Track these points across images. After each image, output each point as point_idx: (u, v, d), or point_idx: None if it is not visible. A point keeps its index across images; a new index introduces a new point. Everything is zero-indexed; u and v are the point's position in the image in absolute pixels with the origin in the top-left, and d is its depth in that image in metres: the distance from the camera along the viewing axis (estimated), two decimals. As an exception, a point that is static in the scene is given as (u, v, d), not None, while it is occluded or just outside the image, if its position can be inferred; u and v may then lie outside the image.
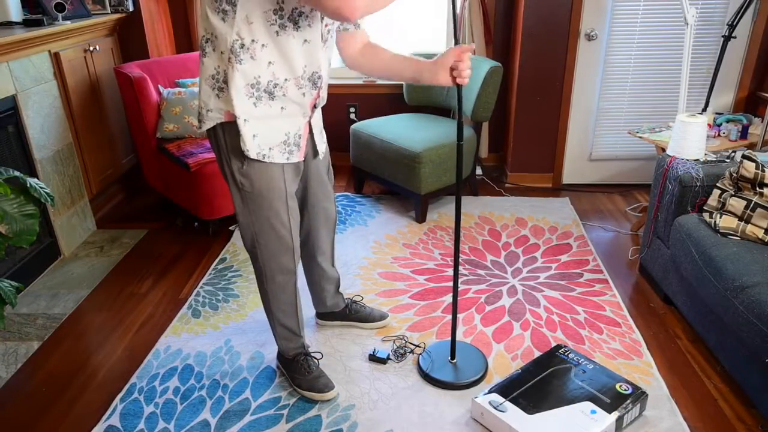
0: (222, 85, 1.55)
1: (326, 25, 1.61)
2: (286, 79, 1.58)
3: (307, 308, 2.37)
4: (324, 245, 2.10)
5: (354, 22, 1.47)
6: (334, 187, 3.68)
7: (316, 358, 2.04)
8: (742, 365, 1.86)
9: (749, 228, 2.04)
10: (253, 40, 1.49)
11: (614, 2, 3.26)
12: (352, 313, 2.29)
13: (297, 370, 1.98)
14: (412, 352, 2.16)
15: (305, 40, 1.55)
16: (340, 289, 2.27)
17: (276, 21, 1.49)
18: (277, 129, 1.64)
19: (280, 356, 2.05)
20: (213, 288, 2.61)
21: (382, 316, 2.31)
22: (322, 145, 1.87)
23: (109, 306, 2.51)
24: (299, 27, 1.53)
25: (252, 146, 1.61)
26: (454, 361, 2.07)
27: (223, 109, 1.57)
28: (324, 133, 1.93)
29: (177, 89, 3.16)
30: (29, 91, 2.65)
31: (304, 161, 1.83)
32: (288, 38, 1.52)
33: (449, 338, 2.22)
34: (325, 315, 2.30)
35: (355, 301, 2.33)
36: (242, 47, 1.49)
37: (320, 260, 2.12)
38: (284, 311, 1.92)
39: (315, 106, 1.73)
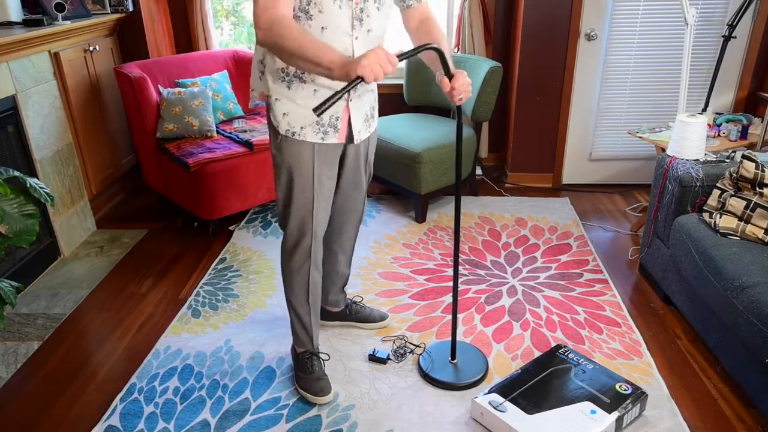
0: (263, 68, 1.68)
1: (357, 3, 1.57)
2: None
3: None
4: (344, 236, 2.09)
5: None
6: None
7: (322, 359, 2.05)
8: (742, 365, 1.86)
9: (749, 228, 2.04)
10: None
11: (614, 2, 3.25)
12: (352, 314, 2.29)
13: (300, 367, 2.00)
14: (412, 352, 2.16)
15: (323, 27, 1.56)
16: (345, 288, 2.26)
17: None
18: (308, 109, 1.68)
19: (293, 349, 2.07)
20: (213, 288, 2.61)
21: (382, 317, 2.30)
22: (363, 132, 1.81)
23: (109, 306, 2.51)
24: (311, 15, 1.55)
25: (282, 123, 1.68)
26: (455, 361, 2.07)
27: (259, 89, 1.72)
28: (373, 121, 1.87)
29: (177, 89, 3.16)
30: (29, 91, 2.65)
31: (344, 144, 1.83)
32: (305, 27, 1.55)
33: (449, 338, 2.22)
34: (324, 314, 2.30)
35: (355, 302, 2.32)
36: None
37: (336, 250, 2.12)
38: (297, 297, 1.92)
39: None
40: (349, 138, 1.79)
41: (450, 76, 1.61)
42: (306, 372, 1.98)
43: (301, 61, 1.42)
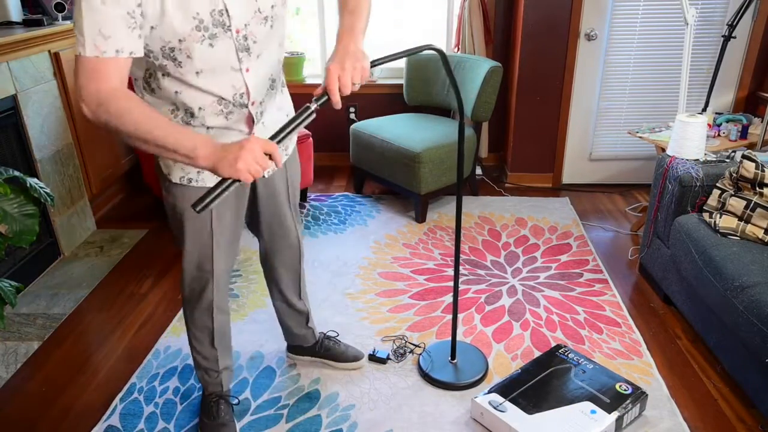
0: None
1: (237, 32, 1.27)
2: (200, 108, 1.35)
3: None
4: (284, 275, 1.87)
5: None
6: (334, 188, 3.70)
7: (232, 404, 1.85)
8: (742, 365, 1.86)
9: (749, 228, 2.04)
10: (150, 73, 1.32)
11: (614, 2, 3.25)
12: (323, 350, 2.07)
13: (204, 411, 1.81)
14: (411, 352, 2.16)
15: (197, 72, 1.29)
16: (311, 324, 2.03)
17: (154, 64, 1.28)
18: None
19: (202, 390, 1.88)
20: (213, 288, 2.61)
21: (356, 357, 2.07)
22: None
23: (109, 306, 2.51)
24: (180, 63, 1.27)
25: (174, 170, 1.43)
26: (455, 361, 2.07)
27: None
28: (290, 143, 1.64)
29: (177, 89, 3.15)
30: (29, 91, 2.65)
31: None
32: (174, 76, 1.30)
33: (449, 338, 2.22)
34: (294, 349, 2.11)
35: (329, 337, 2.10)
36: (150, 76, 1.33)
37: (283, 289, 1.90)
38: (201, 342, 1.72)
39: (254, 122, 1.45)
40: None
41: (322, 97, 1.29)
42: (210, 417, 1.79)
43: (147, 145, 1.15)
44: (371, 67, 1.31)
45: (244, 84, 1.36)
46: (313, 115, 1.27)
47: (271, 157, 1.18)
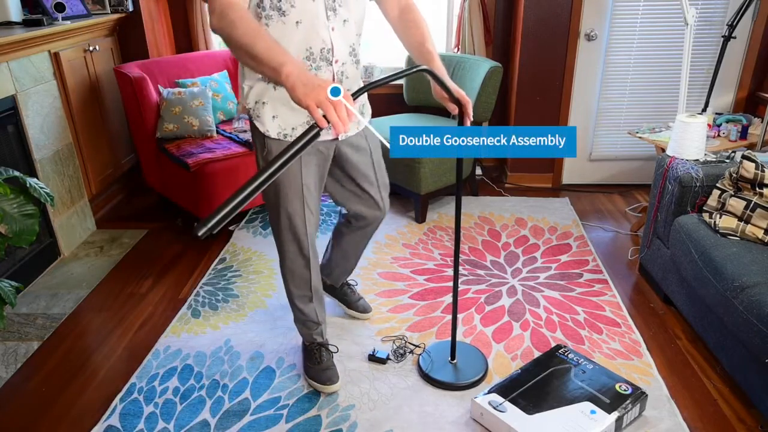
0: (243, 82, 1.66)
1: None
2: None
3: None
4: (365, 229, 2.09)
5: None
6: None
7: (331, 351, 2.07)
8: (742, 365, 1.86)
9: (749, 228, 2.04)
10: None
11: (614, 2, 3.26)
12: (340, 294, 2.35)
13: (309, 358, 2.04)
14: (411, 352, 2.16)
15: (297, 22, 1.54)
16: (348, 278, 2.32)
17: (261, 14, 1.54)
18: (300, 109, 1.63)
19: (303, 341, 2.11)
20: (213, 288, 2.61)
21: (365, 309, 2.35)
22: (351, 127, 1.79)
23: (109, 306, 2.51)
24: (284, 12, 1.53)
25: (272, 127, 1.66)
26: (455, 361, 2.07)
27: (242, 102, 1.69)
28: (363, 113, 1.83)
29: (177, 89, 3.16)
30: (29, 91, 2.65)
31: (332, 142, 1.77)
32: (277, 26, 1.54)
33: (449, 338, 2.22)
34: (324, 286, 2.34)
35: (349, 285, 2.36)
36: None
37: (359, 246, 2.15)
38: (300, 298, 1.94)
39: (339, 81, 1.67)
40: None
41: (454, 99, 1.61)
42: (314, 362, 2.01)
43: (248, 54, 1.33)
44: (363, 90, 1.37)
45: (330, 41, 1.59)
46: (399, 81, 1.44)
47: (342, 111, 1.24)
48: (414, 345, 2.20)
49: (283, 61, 1.27)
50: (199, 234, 1.07)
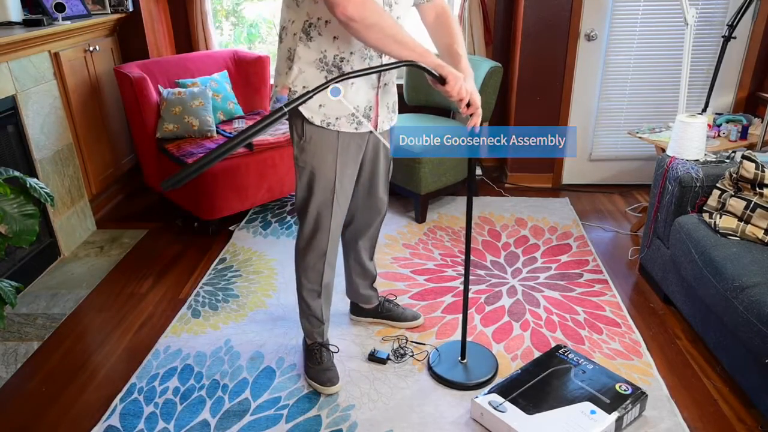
0: (291, 64, 1.67)
1: None
2: (351, 53, 1.64)
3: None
4: (364, 235, 2.12)
5: (339, 18, 1.47)
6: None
7: (332, 352, 2.09)
8: (742, 365, 1.86)
9: (749, 228, 2.04)
10: (318, 18, 1.59)
11: (614, 2, 3.26)
12: (384, 312, 2.31)
13: (310, 358, 2.05)
14: (411, 352, 2.16)
15: None
16: (375, 286, 2.29)
17: (320, 12, 1.58)
18: (348, 101, 1.69)
19: (304, 340, 2.11)
20: (213, 288, 2.61)
21: (415, 316, 2.31)
22: (386, 122, 1.85)
23: (109, 306, 2.51)
24: None
25: (317, 114, 1.69)
26: (465, 361, 2.07)
27: (283, 83, 1.69)
28: (394, 115, 1.89)
29: (177, 89, 3.16)
30: (29, 91, 2.65)
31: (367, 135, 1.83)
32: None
33: (458, 338, 2.22)
34: (357, 310, 2.33)
35: (388, 300, 2.35)
36: (311, 26, 1.61)
37: (359, 248, 2.15)
38: (309, 292, 1.96)
39: (380, 77, 1.75)
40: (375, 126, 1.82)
41: (442, 81, 1.58)
42: (315, 363, 2.02)
43: (395, 39, 1.49)
44: (345, 77, 1.49)
45: None
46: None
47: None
48: (419, 343, 2.19)
49: (427, 48, 1.49)
50: (163, 188, 1.27)
